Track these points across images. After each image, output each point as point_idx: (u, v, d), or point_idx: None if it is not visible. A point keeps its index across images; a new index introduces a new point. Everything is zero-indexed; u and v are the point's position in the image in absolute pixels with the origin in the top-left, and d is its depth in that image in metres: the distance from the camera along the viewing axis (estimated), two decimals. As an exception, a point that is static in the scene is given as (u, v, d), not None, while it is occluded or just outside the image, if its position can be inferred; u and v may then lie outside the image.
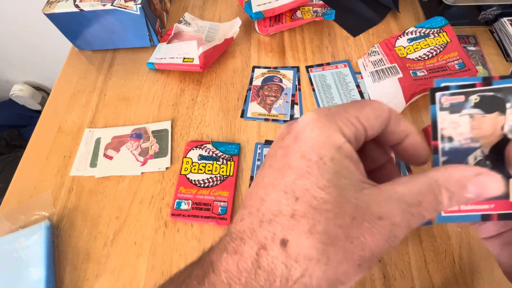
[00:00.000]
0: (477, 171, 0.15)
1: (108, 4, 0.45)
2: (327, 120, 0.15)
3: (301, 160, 0.15)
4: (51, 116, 0.47)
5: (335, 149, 0.15)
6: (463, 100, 0.17)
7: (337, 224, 0.14)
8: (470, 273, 0.33)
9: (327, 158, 0.15)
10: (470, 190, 0.15)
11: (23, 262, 0.34)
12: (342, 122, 0.15)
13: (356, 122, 0.16)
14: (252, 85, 0.47)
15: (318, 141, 0.15)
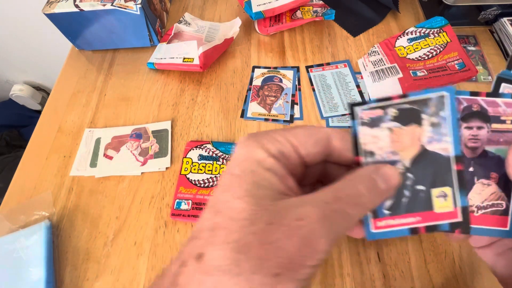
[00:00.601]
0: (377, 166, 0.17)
1: (108, 4, 0.45)
2: (253, 139, 0.16)
3: (226, 176, 0.16)
4: (51, 116, 0.47)
5: (256, 163, 0.16)
6: (381, 114, 0.17)
7: (251, 231, 0.13)
8: (470, 273, 0.33)
9: (247, 171, 0.15)
10: (379, 181, 0.16)
11: (23, 262, 0.34)
12: (267, 140, 0.16)
13: (282, 140, 0.16)
14: (252, 85, 0.47)
15: (241, 157, 0.16)
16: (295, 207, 0.14)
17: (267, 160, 0.16)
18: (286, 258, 0.13)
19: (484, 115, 0.17)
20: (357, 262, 0.34)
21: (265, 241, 0.13)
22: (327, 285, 0.33)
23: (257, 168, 0.15)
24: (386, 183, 0.16)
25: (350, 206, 0.15)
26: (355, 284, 0.33)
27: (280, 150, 0.16)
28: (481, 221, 0.17)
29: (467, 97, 0.17)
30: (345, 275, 0.33)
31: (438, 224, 0.17)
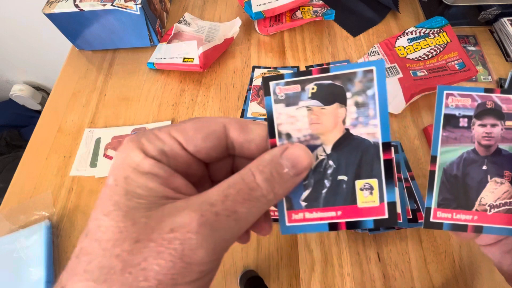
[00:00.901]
0: (284, 147, 0.14)
1: (108, 4, 0.45)
2: (130, 141, 0.14)
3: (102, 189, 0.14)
4: (51, 116, 0.47)
5: (131, 168, 0.13)
6: (299, 90, 0.15)
7: (115, 253, 0.12)
8: (470, 273, 0.33)
9: (120, 179, 0.13)
10: (285, 165, 0.14)
11: (23, 262, 0.34)
12: (147, 139, 0.14)
13: (165, 137, 0.14)
14: (252, 85, 0.47)
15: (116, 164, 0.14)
16: (172, 215, 0.12)
17: (144, 162, 0.13)
18: (154, 280, 0.11)
19: (498, 113, 0.17)
20: (357, 262, 0.34)
21: (130, 264, 0.11)
22: (327, 285, 0.33)
23: (132, 173, 0.13)
24: (294, 167, 0.14)
25: (240, 203, 0.13)
26: (355, 284, 0.33)
27: (161, 149, 0.14)
28: (494, 220, 0.17)
29: (481, 93, 0.17)
30: (345, 275, 0.33)
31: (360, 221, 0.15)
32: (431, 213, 0.17)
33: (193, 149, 0.15)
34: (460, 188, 0.17)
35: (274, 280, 0.34)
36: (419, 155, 0.40)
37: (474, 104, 0.17)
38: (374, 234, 0.35)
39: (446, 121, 0.17)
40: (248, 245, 0.36)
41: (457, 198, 0.17)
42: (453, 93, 0.17)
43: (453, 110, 0.17)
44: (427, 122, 0.42)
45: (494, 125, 0.17)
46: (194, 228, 0.12)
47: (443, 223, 0.17)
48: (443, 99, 0.18)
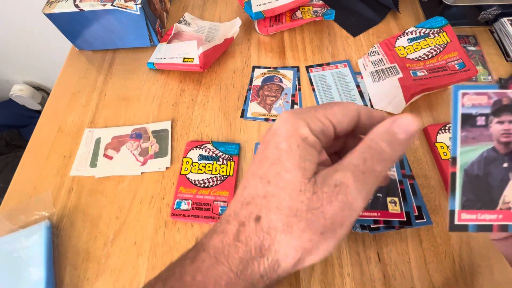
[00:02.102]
0: (393, 118, 0.18)
1: (108, 4, 0.45)
2: (297, 117, 0.18)
3: (274, 150, 0.18)
4: (51, 116, 0.47)
5: (302, 139, 0.17)
6: None
7: (299, 199, 0.16)
8: (470, 273, 0.33)
9: (294, 146, 0.17)
10: (398, 131, 0.17)
11: (23, 262, 0.34)
12: (310, 118, 0.18)
13: (323, 119, 0.18)
14: (252, 85, 0.47)
15: (288, 133, 0.18)
16: (331, 175, 0.16)
17: (311, 137, 0.17)
18: (328, 220, 0.16)
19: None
20: (357, 262, 0.34)
21: (311, 207, 0.16)
22: (327, 285, 0.33)
23: (302, 144, 0.17)
24: (405, 132, 0.17)
25: (376, 163, 0.17)
26: (355, 284, 0.33)
27: (322, 129, 0.18)
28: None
29: (497, 90, 0.17)
30: (345, 275, 0.33)
31: (391, 220, 0.19)
32: (455, 216, 0.17)
33: (341, 131, 0.19)
34: (482, 188, 0.17)
35: (274, 280, 0.33)
36: (419, 155, 0.40)
37: (490, 101, 0.17)
38: (374, 234, 0.35)
39: (463, 120, 0.17)
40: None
41: (481, 199, 0.17)
42: (469, 92, 0.17)
43: (470, 109, 0.17)
44: (427, 122, 0.42)
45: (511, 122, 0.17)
46: (352, 184, 0.16)
47: (469, 225, 0.17)
48: (459, 99, 0.17)
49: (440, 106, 0.44)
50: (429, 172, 0.38)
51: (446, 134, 0.40)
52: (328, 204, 0.16)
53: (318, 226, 0.16)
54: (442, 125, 0.41)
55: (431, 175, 0.38)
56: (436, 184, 0.37)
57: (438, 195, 0.37)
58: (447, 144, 0.39)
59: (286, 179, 0.17)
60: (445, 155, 0.39)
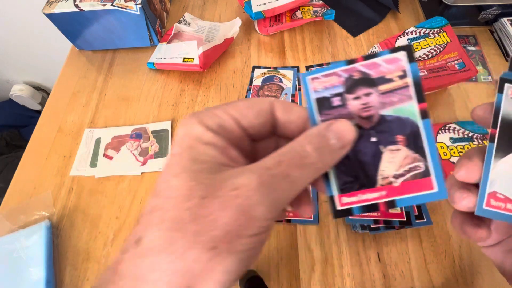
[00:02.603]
0: (329, 122, 0.15)
1: (108, 4, 0.45)
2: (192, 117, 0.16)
3: (168, 157, 0.16)
4: (51, 116, 0.47)
5: (194, 139, 0.15)
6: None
7: (185, 207, 0.13)
8: (470, 273, 0.33)
9: (185, 148, 0.15)
10: (331, 137, 0.15)
11: (23, 262, 0.34)
12: (206, 116, 0.16)
13: (222, 113, 0.16)
14: (252, 85, 0.47)
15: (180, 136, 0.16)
16: (233, 177, 0.14)
17: (206, 134, 0.15)
18: (221, 231, 0.13)
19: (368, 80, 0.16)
20: (357, 262, 0.34)
21: (199, 215, 0.13)
22: (327, 285, 0.33)
23: (195, 143, 0.15)
24: (339, 139, 0.15)
25: (293, 168, 0.14)
26: (355, 284, 0.33)
27: (220, 123, 0.16)
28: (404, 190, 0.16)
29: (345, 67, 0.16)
30: (345, 275, 0.33)
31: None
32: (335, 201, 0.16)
33: (246, 125, 0.17)
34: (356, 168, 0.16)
35: (274, 280, 0.34)
36: (419, 155, 0.40)
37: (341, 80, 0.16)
38: (374, 234, 0.35)
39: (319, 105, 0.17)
40: (248, 245, 0.36)
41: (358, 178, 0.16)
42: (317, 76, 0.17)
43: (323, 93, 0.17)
44: (427, 122, 0.42)
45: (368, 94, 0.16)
46: (255, 187, 0.13)
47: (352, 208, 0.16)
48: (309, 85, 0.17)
49: (440, 106, 0.44)
50: (429, 172, 0.38)
51: (446, 134, 0.40)
52: (220, 210, 0.13)
53: (207, 240, 0.12)
54: (442, 125, 0.41)
55: (431, 175, 0.38)
56: (436, 184, 0.37)
57: (438, 195, 0.37)
58: (447, 144, 0.39)
59: (173, 186, 0.14)
60: (445, 155, 0.39)
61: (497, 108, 0.17)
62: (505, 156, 0.16)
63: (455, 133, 0.40)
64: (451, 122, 0.41)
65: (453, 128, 0.40)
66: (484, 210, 0.16)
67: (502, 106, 0.17)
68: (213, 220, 0.13)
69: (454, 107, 0.43)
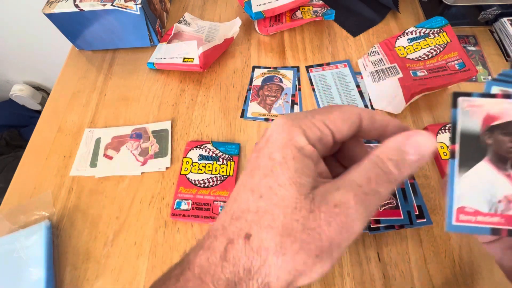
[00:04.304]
0: (408, 134, 0.16)
1: (108, 4, 0.45)
2: (293, 124, 0.17)
3: (267, 161, 0.16)
4: (51, 116, 0.47)
5: (297, 150, 0.16)
6: None
7: (294, 218, 0.15)
8: (470, 273, 0.33)
9: (289, 158, 0.16)
10: (410, 152, 0.16)
11: (23, 262, 0.34)
12: (307, 125, 0.17)
13: (322, 126, 0.17)
14: (252, 85, 0.47)
15: (282, 142, 0.16)
16: (331, 193, 0.15)
17: (307, 147, 0.16)
18: (326, 242, 0.15)
19: None
20: (357, 262, 0.34)
21: (307, 227, 0.15)
22: (327, 285, 0.33)
23: (298, 155, 0.16)
24: (418, 153, 0.16)
25: (381, 185, 0.15)
26: (355, 284, 0.33)
27: (320, 137, 0.17)
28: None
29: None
30: (345, 275, 0.33)
31: None
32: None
33: (340, 138, 0.18)
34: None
35: (274, 280, 0.33)
36: (419, 155, 0.40)
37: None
38: (374, 234, 0.35)
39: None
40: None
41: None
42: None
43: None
44: (427, 122, 0.42)
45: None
46: (353, 205, 0.15)
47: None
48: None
49: (440, 106, 0.44)
50: (429, 172, 0.38)
51: (446, 134, 0.40)
52: (326, 225, 0.15)
53: (313, 248, 0.15)
54: (442, 125, 0.41)
55: (431, 175, 0.38)
56: (436, 184, 0.37)
57: (438, 195, 0.37)
58: (447, 144, 0.39)
59: (280, 195, 0.15)
60: (445, 155, 0.39)
61: (454, 123, 0.17)
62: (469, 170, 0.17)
63: (455, 133, 0.40)
64: (451, 122, 0.41)
65: (453, 128, 0.40)
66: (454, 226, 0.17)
67: (458, 121, 0.17)
68: (319, 233, 0.15)
69: (454, 107, 0.43)
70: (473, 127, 0.17)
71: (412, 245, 0.34)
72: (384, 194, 0.16)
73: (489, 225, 0.17)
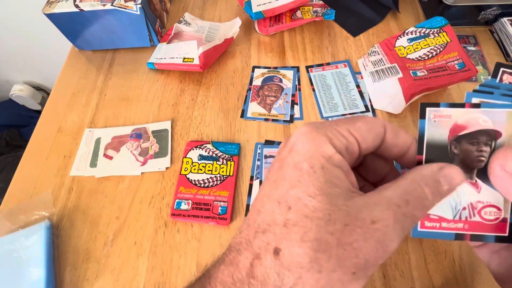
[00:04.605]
0: (440, 165, 0.16)
1: (108, 4, 0.45)
2: (318, 132, 0.16)
3: (293, 171, 0.15)
4: (51, 116, 0.47)
5: (325, 159, 0.15)
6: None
7: (329, 231, 0.14)
8: (470, 273, 0.33)
9: (317, 167, 0.15)
10: (443, 182, 0.16)
11: (23, 262, 0.34)
12: (333, 134, 0.16)
13: (347, 135, 0.16)
14: (252, 85, 0.47)
15: (309, 151, 0.15)
16: (368, 208, 0.14)
17: (335, 156, 0.15)
18: (362, 259, 0.14)
19: None
20: (357, 262, 0.34)
21: (343, 242, 0.14)
22: (327, 285, 0.33)
23: (327, 164, 0.15)
24: (450, 184, 0.16)
25: (418, 209, 0.15)
26: (355, 284, 0.33)
27: (346, 146, 0.16)
28: None
29: None
30: (345, 275, 0.33)
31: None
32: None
33: (365, 148, 0.17)
34: None
35: (274, 280, 0.33)
36: (419, 155, 0.40)
37: None
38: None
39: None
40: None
41: None
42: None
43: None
44: (427, 122, 0.42)
45: None
46: (391, 224, 0.14)
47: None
48: None
49: (440, 106, 0.44)
50: (429, 172, 0.38)
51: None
52: (363, 241, 0.14)
53: (350, 265, 0.14)
54: (442, 125, 0.41)
55: (431, 175, 0.38)
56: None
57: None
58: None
59: (310, 206, 0.14)
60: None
61: (421, 134, 0.18)
62: None
63: (455, 133, 0.40)
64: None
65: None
66: (419, 232, 0.18)
67: (426, 132, 0.18)
68: (356, 249, 0.14)
69: (454, 107, 0.43)
70: (440, 138, 0.18)
71: (412, 245, 0.34)
72: (418, 219, 0.15)
73: (453, 230, 0.18)
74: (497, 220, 0.17)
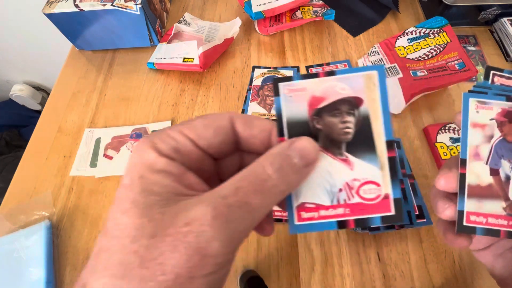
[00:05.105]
0: (291, 140, 0.15)
1: (108, 4, 0.45)
2: (144, 141, 0.14)
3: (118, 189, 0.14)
4: (51, 116, 0.47)
5: (145, 167, 0.14)
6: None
7: (132, 249, 0.12)
8: (470, 273, 0.33)
9: (135, 178, 0.13)
10: (293, 155, 0.14)
11: (23, 262, 0.34)
12: (159, 138, 0.14)
13: (177, 135, 0.15)
14: (252, 85, 0.47)
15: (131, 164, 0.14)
16: (186, 210, 0.12)
17: (158, 160, 0.14)
18: (170, 274, 0.11)
19: None
20: (357, 262, 0.34)
21: (147, 259, 0.12)
22: (327, 285, 0.33)
23: (146, 172, 0.13)
24: (303, 158, 0.14)
25: (253, 194, 0.13)
26: (355, 284, 0.33)
27: (174, 147, 0.14)
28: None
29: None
30: (345, 275, 0.33)
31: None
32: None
33: (205, 145, 0.15)
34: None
35: (274, 280, 0.34)
36: (419, 155, 0.40)
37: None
38: (374, 234, 0.35)
39: None
40: (248, 245, 0.36)
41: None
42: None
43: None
44: (427, 122, 0.42)
45: None
46: (208, 221, 0.12)
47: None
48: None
49: (440, 106, 0.44)
50: (429, 172, 0.38)
51: (446, 134, 0.40)
52: (170, 251, 0.11)
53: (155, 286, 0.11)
54: (442, 125, 0.41)
55: (431, 175, 0.38)
56: (436, 184, 0.37)
57: (438, 195, 0.37)
58: (447, 144, 0.39)
59: (120, 224, 0.12)
60: (445, 155, 0.38)
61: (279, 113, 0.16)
62: None
63: (455, 133, 0.40)
64: (451, 122, 0.41)
65: (453, 128, 0.40)
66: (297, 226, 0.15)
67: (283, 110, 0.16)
68: (162, 264, 0.11)
69: (454, 107, 0.43)
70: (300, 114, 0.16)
71: (412, 245, 0.34)
72: (258, 207, 0.13)
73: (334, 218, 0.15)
74: (378, 198, 0.15)
